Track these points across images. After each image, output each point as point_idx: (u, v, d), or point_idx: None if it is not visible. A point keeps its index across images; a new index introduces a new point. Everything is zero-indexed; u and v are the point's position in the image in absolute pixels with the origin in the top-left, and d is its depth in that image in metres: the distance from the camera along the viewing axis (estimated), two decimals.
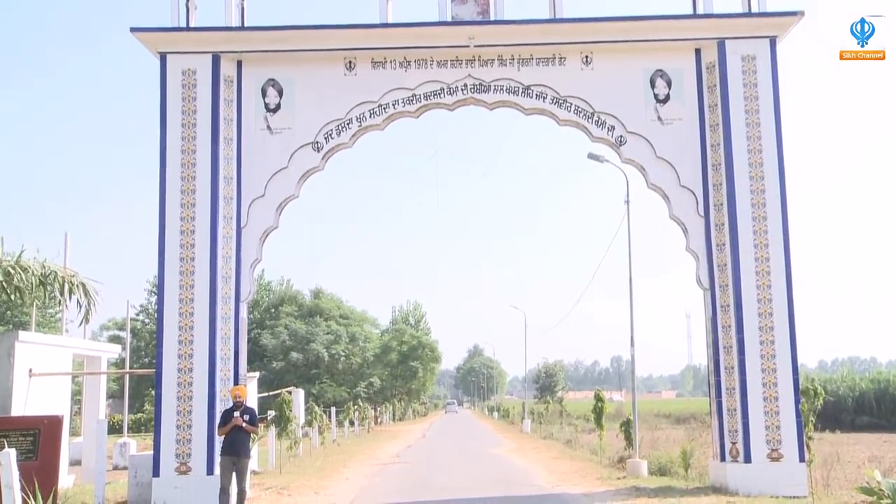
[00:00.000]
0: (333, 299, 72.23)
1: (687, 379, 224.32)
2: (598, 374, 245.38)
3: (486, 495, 15.54)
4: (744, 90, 15.29)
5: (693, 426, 40.65)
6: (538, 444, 33.03)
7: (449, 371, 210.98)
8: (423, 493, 16.17)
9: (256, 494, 15.66)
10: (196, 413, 14.34)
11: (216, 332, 14.63)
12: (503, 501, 14.64)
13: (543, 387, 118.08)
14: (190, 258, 14.70)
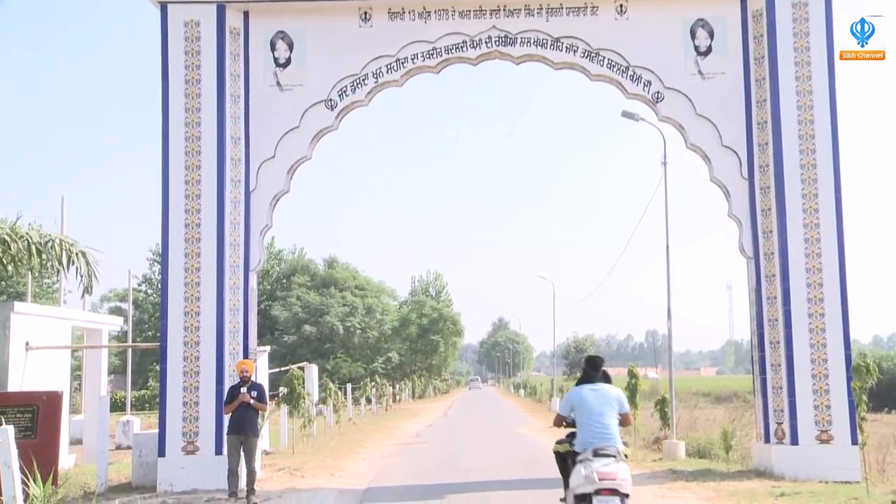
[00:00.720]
0: (349, 269, 72.47)
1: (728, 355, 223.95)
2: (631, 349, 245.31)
3: (512, 477, 15.62)
4: (794, 40, 15.03)
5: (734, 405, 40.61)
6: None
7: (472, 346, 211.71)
8: (445, 475, 16.29)
9: (268, 475, 15.85)
10: (203, 389, 14.48)
11: (224, 304, 14.72)
12: (530, 484, 14.70)
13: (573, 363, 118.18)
14: (195, 224, 14.77)
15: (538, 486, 14.38)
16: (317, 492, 14.19)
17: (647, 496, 12.99)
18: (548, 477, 15.42)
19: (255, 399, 13.29)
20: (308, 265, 71.28)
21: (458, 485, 14.81)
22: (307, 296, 64.41)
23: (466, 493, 13.76)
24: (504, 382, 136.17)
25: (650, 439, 22.30)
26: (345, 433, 27.82)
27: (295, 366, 23.94)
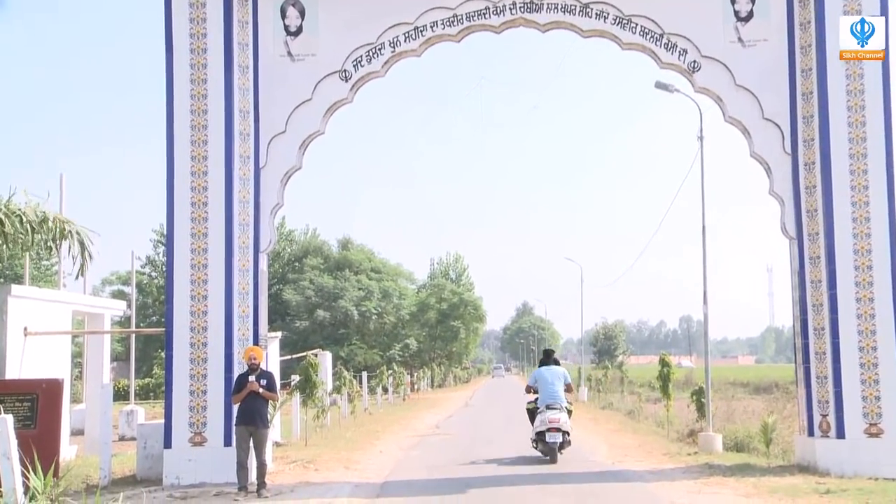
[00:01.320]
0: (364, 251, 72.56)
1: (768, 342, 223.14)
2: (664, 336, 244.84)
3: (538, 472, 15.63)
4: (843, 4, 14.83)
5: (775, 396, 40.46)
6: (596, 414, 33.15)
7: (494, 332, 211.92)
8: (467, 468, 16.31)
9: (279, 469, 15.93)
10: (211, 377, 14.54)
11: (233, 287, 14.76)
12: (556, 478, 14.71)
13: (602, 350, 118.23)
14: (202, 203, 14.79)
15: (564, 481, 14.40)
16: (331, 486, 14.25)
17: (680, 491, 12.98)
18: (575, 471, 15.47)
19: (265, 388, 13.35)
20: (321, 247, 71.44)
21: (480, 479, 14.84)
22: (320, 279, 64.58)
23: (489, 488, 13.79)
24: (529, 371, 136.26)
25: (685, 432, 22.25)
26: (360, 424, 27.92)
27: (310, 352, 23.99)
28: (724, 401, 31.57)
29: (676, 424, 23.62)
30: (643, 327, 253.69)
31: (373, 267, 69.49)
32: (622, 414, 32.32)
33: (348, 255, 69.29)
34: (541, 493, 13.16)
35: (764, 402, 35.86)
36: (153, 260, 71.78)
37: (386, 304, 66.23)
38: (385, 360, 60.57)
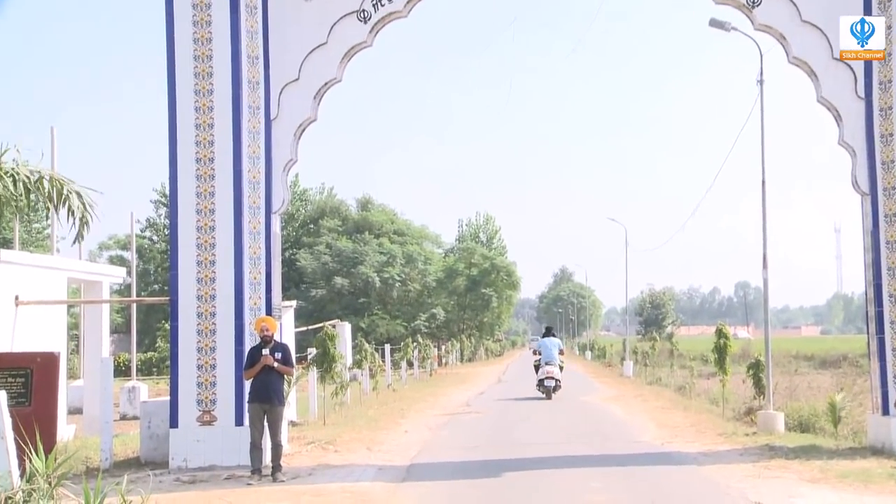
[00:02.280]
0: (386, 211, 72.72)
1: (835, 311, 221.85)
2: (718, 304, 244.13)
3: (578, 453, 15.67)
4: None
5: (843, 371, 40.19)
6: (643, 390, 33.13)
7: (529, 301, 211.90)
8: (500, 450, 16.37)
9: (295, 450, 16.05)
10: (221, 351, 14.63)
11: (243, 252, 14.80)
12: (599, 461, 14.74)
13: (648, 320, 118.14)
14: (208, 159, 14.80)
15: (608, 463, 14.43)
16: (353, 468, 14.35)
17: (737, 475, 12.96)
18: (620, 453, 15.50)
19: (280, 362, 13.40)
20: (339, 207, 71.61)
21: (515, 461, 14.89)
22: (338, 242, 64.79)
23: (525, 471, 13.83)
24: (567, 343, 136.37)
25: (741, 410, 22.20)
26: (383, 401, 28.07)
27: (328, 323, 24.07)
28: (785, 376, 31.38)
29: (732, 402, 23.56)
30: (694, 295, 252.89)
31: (395, 229, 69.61)
32: (672, 390, 32.30)
33: (368, 216, 69.42)
34: (583, 477, 13.18)
35: (831, 377, 35.66)
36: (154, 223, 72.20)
37: (410, 270, 66.39)
38: (409, 331, 60.76)
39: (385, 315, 63.57)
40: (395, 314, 65.13)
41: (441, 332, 71.10)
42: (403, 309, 67.20)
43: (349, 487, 12.65)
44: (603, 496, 11.75)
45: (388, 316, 63.84)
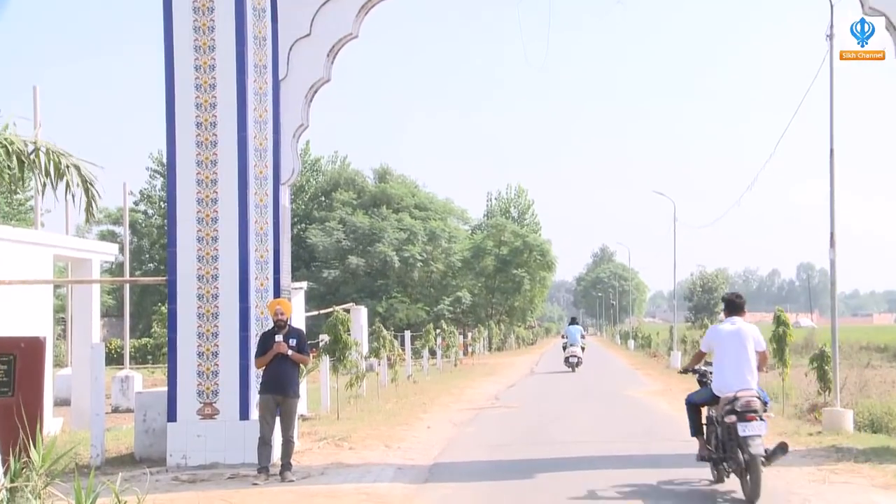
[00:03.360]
0: (406, 183, 72.71)
1: None
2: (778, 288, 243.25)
3: (620, 453, 15.65)
4: None
5: None
6: (692, 384, 32.97)
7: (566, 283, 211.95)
8: (533, 449, 16.39)
9: (307, 447, 16.13)
10: (224, 337, 14.70)
11: (248, 227, 14.84)
12: (644, 461, 14.72)
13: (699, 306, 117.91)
14: (210, 124, 14.83)
15: (654, 465, 14.40)
16: (369, 468, 14.39)
17: (801, 480, 12.91)
18: (667, 453, 15.48)
19: (295, 349, 13.44)
20: (354, 178, 71.66)
21: (549, 461, 14.89)
22: (353, 217, 64.86)
23: (561, 472, 13.84)
24: (608, 330, 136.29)
25: (804, 406, 22.13)
26: (403, 394, 28.13)
27: (340, 307, 24.13)
28: (854, 369, 31.25)
29: (794, 397, 23.48)
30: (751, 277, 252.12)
31: (417, 203, 69.58)
32: None
33: (387, 188, 69.43)
34: (626, 478, 13.17)
35: None
36: (149, 195, 72.49)
37: (433, 249, 66.42)
38: (432, 316, 60.88)
39: (405, 298, 63.69)
40: (415, 297, 65.25)
41: (467, 318, 71.16)
42: (425, 292, 67.31)
43: (365, 489, 12.69)
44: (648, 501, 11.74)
45: (409, 299, 63.95)
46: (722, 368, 12.32)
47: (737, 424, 11.60)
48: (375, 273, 63.75)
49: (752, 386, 12.03)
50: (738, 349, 12.27)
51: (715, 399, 12.41)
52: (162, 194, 67.26)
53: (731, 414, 11.70)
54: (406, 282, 65.46)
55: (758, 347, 12.44)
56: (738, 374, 12.09)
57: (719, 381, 12.34)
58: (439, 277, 68.75)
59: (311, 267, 62.97)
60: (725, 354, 12.34)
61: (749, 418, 11.63)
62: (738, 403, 11.66)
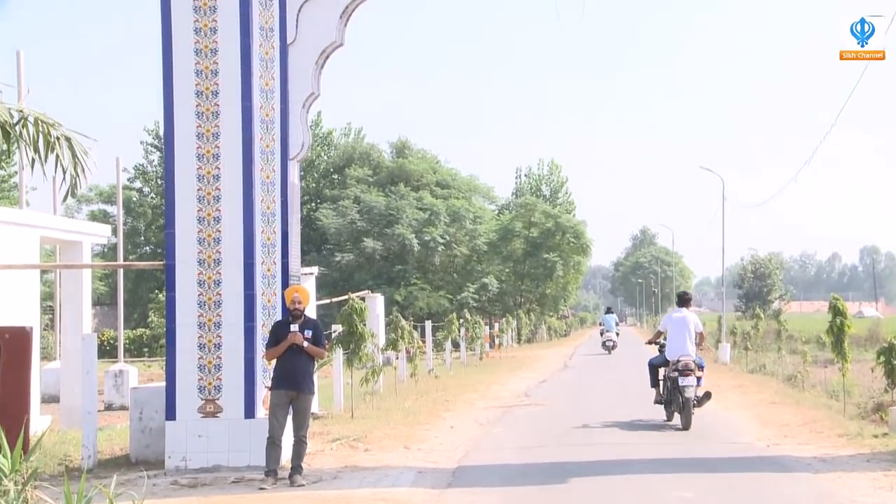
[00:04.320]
0: (426, 158, 72.66)
1: None
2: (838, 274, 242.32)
3: (663, 455, 15.63)
4: None
5: None
6: (743, 380, 32.97)
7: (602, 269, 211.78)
8: (567, 451, 16.39)
9: (318, 448, 16.16)
10: (228, 327, 14.74)
11: (254, 206, 14.86)
12: (689, 465, 14.69)
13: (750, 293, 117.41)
14: (211, 93, 14.84)
15: (700, 469, 14.40)
16: (387, 471, 14.42)
17: (864, 487, 12.86)
18: (715, 456, 15.48)
19: (311, 341, 13.44)
20: (369, 153, 71.64)
21: (585, 464, 14.90)
22: (368, 196, 64.84)
23: (597, 477, 13.86)
24: (649, 321, 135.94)
25: (868, 406, 22.03)
26: (423, 390, 28.17)
27: (355, 294, 24.13)
28: None
29: (857, 395, 23.36)
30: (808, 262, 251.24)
31: (438, 180, 69.55)
32: (779, 380, 32.09)
33: (405, 163, 69.37)
34: (671, 485, 13.15)
35: None
36: (145, 171, 72.69)
37: (456, 230, 66.41)
38: (455, 305, 60.90)
39: (425, 285, 63.67)
40: (437, 284, 65.23)
41: (494, 307, 71.16)
42: (448, 278, 67.31)
43: (382, 494, 12.72)
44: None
45: (429, 286, 63.93)
46: (671, 342, 19.87)
47: (678, 378, 18.94)
48: (393, 257, 63.77)
49: (690, 353, 19.48)
50: (682, 330, 19.85)
51: (667, 362, 19.84)
52: (159, 170, 67.40)
53: (675, 371, 19.15)
54: (426, 267, 65.47)
55: (697, 329, 20.13)
56: (681, 346, 19.63)
57: (669, 350, 19.83)
58: (463, 262, 68.72)
59: (323, 250, 63.06)
60: (673, 333, 19.95)
61: (686, 374, 18.91)
62: (679, 364, 19.06)
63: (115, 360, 31.08)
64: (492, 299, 70.46)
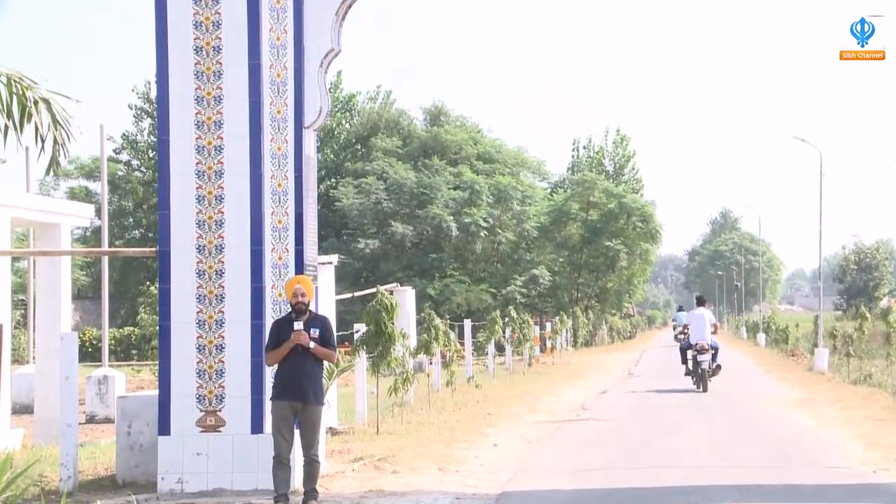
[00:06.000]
0: (466, 127, 72.68)
1: None
2: None
3: (747, 481, 15.61)
4: None
5: None
6: (843, 392, 32.82)
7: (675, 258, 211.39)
8: (631, 475, 16.44)
9: (338, 469, 16.22)
10: (232, 325, 14.81)
11: (262, 183, 14.91)
12: (779, 493, 14.70)
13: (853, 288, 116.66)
14: (213, 49, 14.89)
15: (792, 497, 14.40)
16: (418, 497, 14.48)
17: None
18: (810, 482, 15.47)
19: (318, 341, 13.42)
20: (398, 120, 71.71)
21: (652, 491, 14.94)
22: (397, 171, 64.82)
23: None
24: (731, 320, 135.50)
25: None
26: (462, 402, 28.19)
27: (383, 287, 24.14)
28: None
29: None
30: None
31: (480, 153, 69.52)
32: (888, 393, 31.94)
33: (441, 133, 69.37)
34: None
35: None
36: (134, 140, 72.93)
37: (501, 213, 66.45)
38: (499, 301, 60.95)
39: (464, 277, 63.73)
40: (478, 276, 65.29)
41: (545, 304, 71.10)
42: (491, 269, 67.36)
43: None
44: None
45: (469, 279, 63.99)
46: (693, 331, 32.99)
47: (697, 356, 31.82)
48: (426, 244, 63.87)
49: (706, 339, 31.90)
50: (700, 322, 32.83)
51: (690, 346, 32.70)
52: (150, 140, 67.61)
53: (695, 351, 31.91)
54: (466, 256, 65.53)
55: (711, 322, 33.34)
56: (700, 334, 32.16)
57: (692, 337, 32.71)
58: (509, 250, 68.75)
59: (343, 236, 63.20)
60: (694, 325, 33.14)
61: (702, 352, 31.65)
62: (698, 346, 31.73)
63: (99, 364, 31.21)
64: (543, 294, 70.37)
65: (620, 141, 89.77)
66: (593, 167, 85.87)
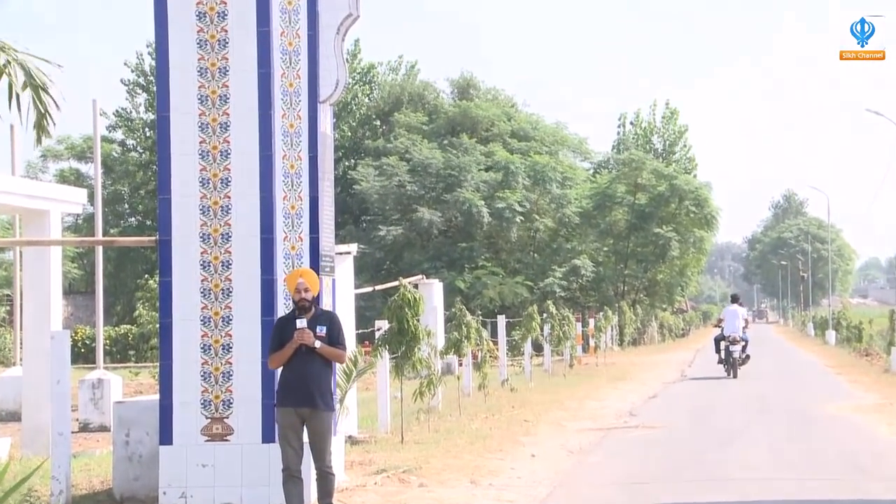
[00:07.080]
0: (499, 101, 72.62)
1: None
2: None
3: (817, 497, 15.57)
4: None
5: None
6: None
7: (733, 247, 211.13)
8: (686, 490, 16.45)
9: (358, 482, 16.25)
10: (240, 323, 14.82)
11: (273, 165, 14.93)
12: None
13: None
14: (217, 14, 14.89)
15: None
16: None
17: None
18: (889, 498, 15.37)
19: (325, 340, 13.40)
20: (423, 93, 71.71)
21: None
22: (421, 151, 64.79)
23: None
24: (796, 316, 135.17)
25: None
26: (495, 407, 28.22)
27: (406, 280, 24.16)
28: None
29: None
30: None
31: (514, 130, 69.49)
32: None
33: (471, 108, 69.33)
34: None
35: None
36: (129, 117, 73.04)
37: (538, 197, 66.44)
38: (537, 295, 60.86)
39: (497, 269, 63.70)
40: (513, 267, 65.27)
41: (588, 298, 71.03)
42: (527, 259, 67.36)
43: None
44: None
45: (503, 270, 63.96)
46: (727, 324, 42.40)
47: (729, 346, 41.63)
48: (454, 232, 63.86)
49: (738, 331, 41.66)
50: (734, 317, 42.69)
51: (724, 337, 42.09)
52: (148, 117, 67.67)
53: (727, 342, 41.82)
54: (499, 245, 65.53)
55: (744, 317, 43.71)
56: (733, 327, 41.84)
57: (726, 330, 42.22)
58: (547, 238, 68.70)
59: (362, 222, 63.29)
60: (728, 319, 42.90)
61: (734, 343, 41.50)
62: (730, 338, 41.66)
63: (94, 366, 31.31)
64: (585, 287, 70.33)
65: (671, 115, 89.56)
66: (641, 145, 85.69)
